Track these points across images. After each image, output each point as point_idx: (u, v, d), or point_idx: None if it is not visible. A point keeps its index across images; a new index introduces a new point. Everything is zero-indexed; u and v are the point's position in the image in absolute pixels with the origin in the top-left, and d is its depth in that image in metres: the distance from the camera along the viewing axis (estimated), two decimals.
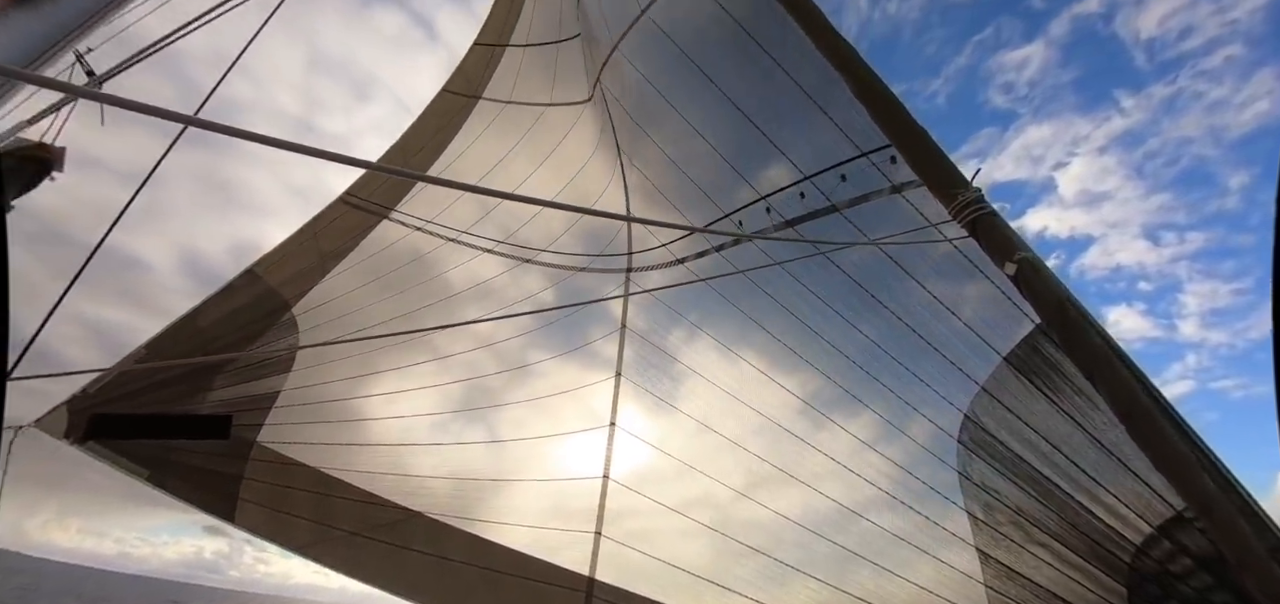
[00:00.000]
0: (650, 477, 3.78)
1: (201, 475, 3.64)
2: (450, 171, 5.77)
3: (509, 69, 6.54)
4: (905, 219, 3.41)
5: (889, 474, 3.70)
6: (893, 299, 3.61)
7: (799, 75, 3.97)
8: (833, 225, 3.57)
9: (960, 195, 2.97)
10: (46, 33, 1.50)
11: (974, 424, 3.12)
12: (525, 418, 3.93)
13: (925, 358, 3.53)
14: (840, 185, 3.62)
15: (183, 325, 4.37)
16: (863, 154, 3.56)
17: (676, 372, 4.04)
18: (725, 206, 4.09)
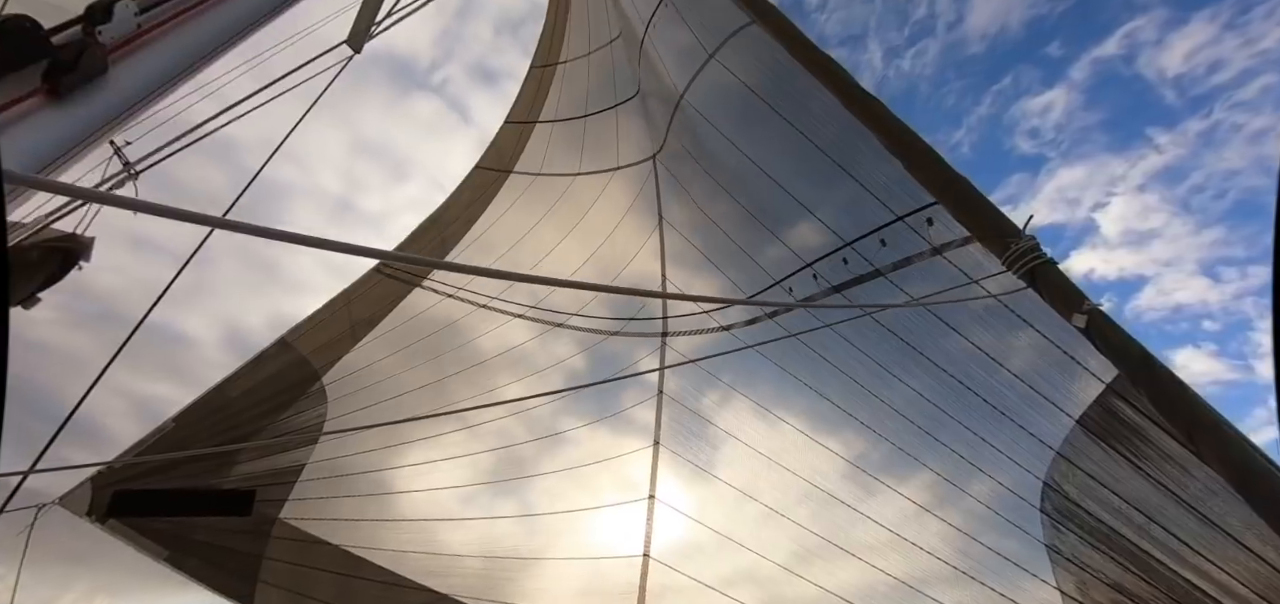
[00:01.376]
0: (692, 553, 3.49)
1: (221, 554, 3.45)
2: (482, 242, 5.79)
3: (539, 143, 6.68)
4: (949, 278, 3.23)
5: (953, 543, 3.36)
6: (943, 358, 3.39)
7: (830, 138, 3.93)
8: (877, 289, 3.42)
9: (1013, 245, 2.81)
10: (82, 125, 1.46)
11: (1056, 492, 2.83)
12: (559, 489, 3.70)
13: (983, 417, 3.27)
14: (881, 249, 3.49)
15: (213, 396, 4.28)
16: (899, 218, 3.45)
17: (714, 436, 3.80)
18: (768, 271, 3.96)
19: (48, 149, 1.33)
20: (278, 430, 4.00)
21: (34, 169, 1.31)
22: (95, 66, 1.50)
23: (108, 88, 1.52)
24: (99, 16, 1.58)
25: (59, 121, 1.37)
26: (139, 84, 1.62)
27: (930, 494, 3.38)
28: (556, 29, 7.28)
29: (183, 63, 1.80)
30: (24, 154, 1.29)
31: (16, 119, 1.31)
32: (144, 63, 1.67)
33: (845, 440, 3.55)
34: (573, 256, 5.40)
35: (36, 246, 1.75)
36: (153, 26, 1.75)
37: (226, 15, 2.05)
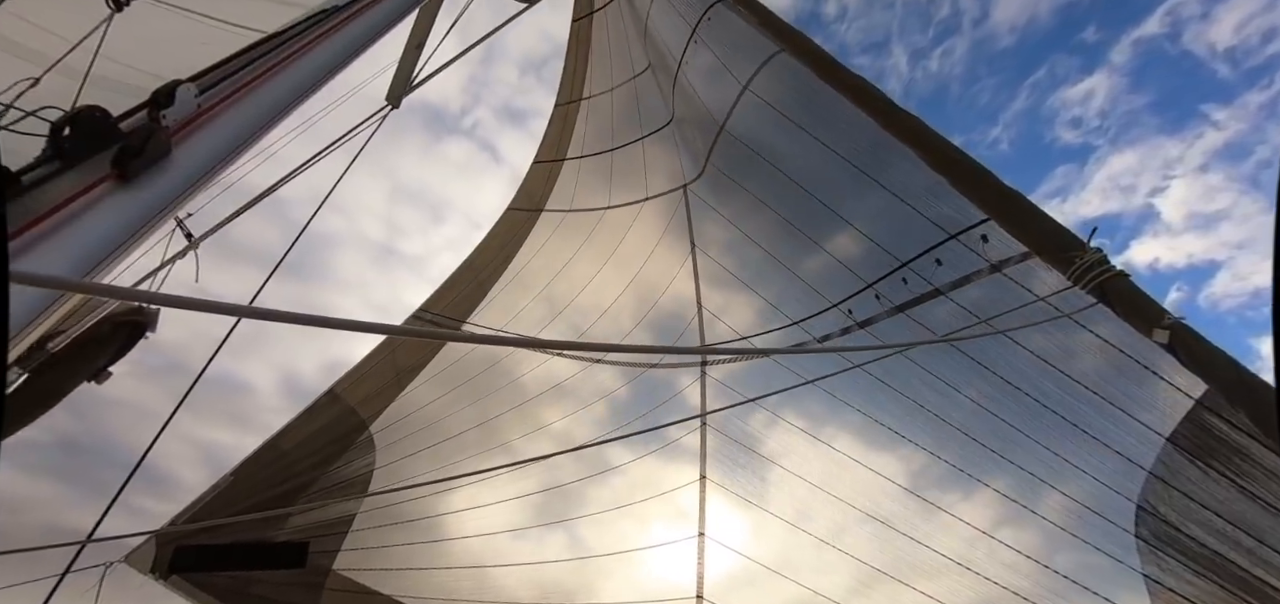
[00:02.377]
0: (747, 589, 3.34)
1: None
2: (519, 280, 5.82)
3: (568, 179, 6.73)
4: (1011, 295, 3.07)
5: (1030, 573, 3.14)
6: (1009, 372, 3.20)
7: (870, 159, 3.83)
8: (938, 308, 3.27)
9: (1079, 259, 2.65)
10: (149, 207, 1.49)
11: (1153, 516, 2.60)
12: (610, 524, 3.62)
13: (1058, 434, 3.06)
14: (938, 269, 3.35)
15: (267, 449, 4.35)
16: (952, 236, 3.31)
17: (762, 466, 3.67)
18: (822, 292, 3.85)
19: (118, 232, 1.36)
20: (329, 481, 4.03)
21: (105, 252, 1.34)
22: (160, 149, 1.54)
23: (172, 168, 1.56)
24: (163, 101, 1.63)
25: (128, 204, 1.40)
26: (201, 161, 1.65)
27: (1001, 517, 3.17)
28: (578, 68, 7.38)
29: (241, 136, 1.84)
30: (97, 238, 1.32)
31: (90, 205, 1.34)
32: (205, 141, 1.71)
33: (903, 461, 3.38)
34: (609, 287, 5.38)
35: (107, 321, 1.80)
36: (212, 105, 1.80)
37: (279, 88, 2.10)
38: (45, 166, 1.35)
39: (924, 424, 3.39)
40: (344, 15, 2.56)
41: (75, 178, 1.35)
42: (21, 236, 1.18)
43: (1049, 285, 2.85)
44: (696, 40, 4.61)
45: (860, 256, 3.75)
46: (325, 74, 2.39)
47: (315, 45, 2.33)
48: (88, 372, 1.78)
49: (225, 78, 1.97)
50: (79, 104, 1.50)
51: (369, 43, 2.79)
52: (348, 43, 2.56)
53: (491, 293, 5.73)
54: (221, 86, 1.92)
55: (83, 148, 1.41)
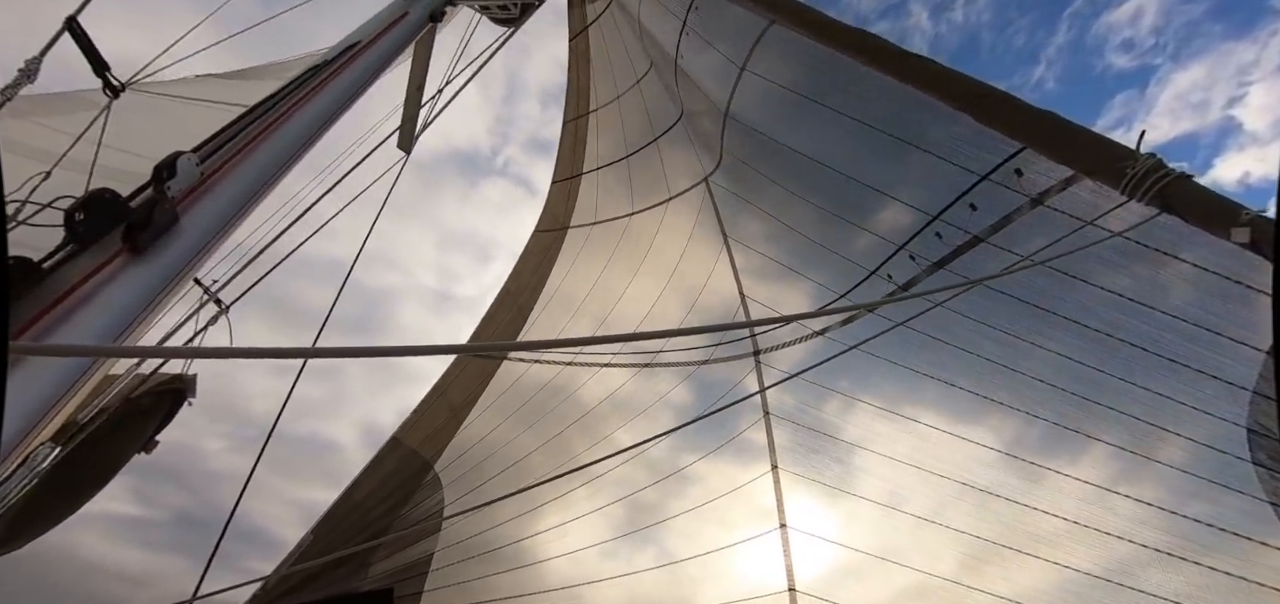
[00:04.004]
0: (843, 579, 3.12)
1: None
2: (557, 300, 5.79)
3: (588, 193, 6.68)
4: (1060, 227, 2.76)
5: (1149, 521, 2.77)
6: (1080, 313, 2.87)
7: (885, 114, 3.59)
8: (981, 256, 2.99)
9: (1131, 169, 2.34)
10: (162, 276, 1.49)
11: (1265, 437, 2.25)
12: (693, 529, 3.48)
13: (1146, 369, 2.71)
14: (973, 215, 3.07)
15: (342, 502, 4.43)
16: (983, 177, 3.03)
17: (839, 450, 3.44)
18: (858, 263, 3.62)
19: (136, 302, 1.36)
20: (403, 524, 4.06)
21: (124, 324, 1.33)
22: (167, 219, 1.55)
23: (181, 236, 1.56)
24: (166, 173, 1.64)
25: (142, 274, 1.40)
26: (209, 225, 1.65)
27: (1107, 470, 2.84)
28: (581, 83, 7.36)
29: (247, 195, 1.85)
30: (116, 310, 1.32)
31: (105, 282, 1.35)
32: (210, 205, 1.71)
33: (992, 426, 3.08)
34: (648, 291, 5.27)
35: (148, 393, 1.82)
36: (214, 171, 1.81)
37: (277, 145, 2.10)
38: (63, 251, 1.37)
39: (1005, 384, 3.09)
40: (332, 69, 2.57)
41: (90, 257, 1.36)
42: (44, 318, 1.18)
43: (1102, 207, 2.55)
44: (687, 32, 4.49)
45: (891, 219, 3.50)
46: (321, 125, 2.39)
47: (308, 100, 2.33)
48: (138, 443, 1.82)
49: (225, 143, 1.98)
50: (89, 190, 1.53)
51: (361, 90, 2.78)
52: (340, 93, 2.55)
53: (532, 317, 5.72)
54: (222, 152, 1.94)
55: (96, 229, 1.42)
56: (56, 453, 1.46)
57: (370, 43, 2.95)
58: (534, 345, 4.71)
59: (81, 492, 1.72)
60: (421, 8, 3.67)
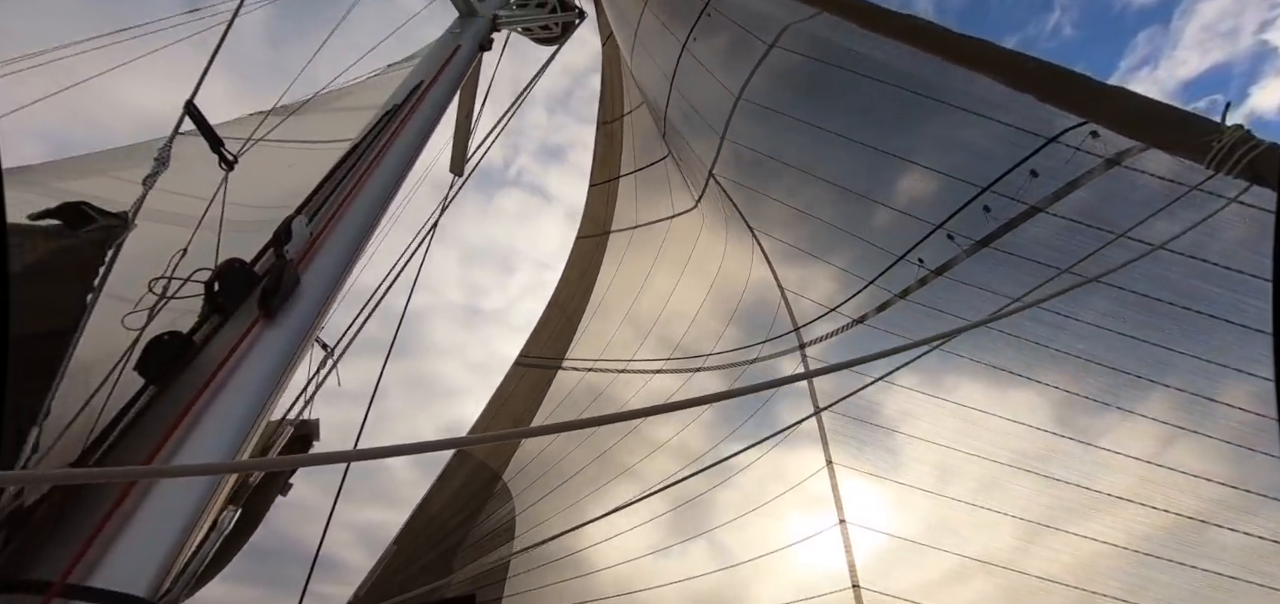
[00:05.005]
0: (905, 567, 3.10)
1: None
2: (603, 309, 5.86)
3: (627, 197, 6.70)
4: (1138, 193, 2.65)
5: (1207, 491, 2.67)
6: (1142, 284, 2.78)
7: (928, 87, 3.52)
8: (1039, 226, 2.91)
9: (1216, 142, 2.26)
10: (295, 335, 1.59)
11: None
12: (750, 527, 3.50)
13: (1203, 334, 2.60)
14: (1031, 182, 2.98)
15: (417, 516, 4.59)
16: (1050, 139, 2.93)
17: (886, 438, 3.41)
18: (885, 248, 3.58)
19: (276, 367, 1.45)
20: (479, 534, 4.19)
21: (270, 388, 1.43)
22: (291, 281, 1.64)
23: (304, 295, 1.65)
24: (284, 237, 1.73)
25: (278, 339, 1.49)
26: (326, 281, 1.75)
27: (1168, 437, 2.74)
28: (614, 85, 7.37)
29: (353, 245, 1.94)
30: (262, 378, 1.42)
31: (249, 349, 1.44)
32: (324, 261, 1.81)
33: (1039, 405, 3.01)
34: (692, 294, 5.28)
35: (291, 441, 1.95)
36: (322, 228, 1.91)
37: (371, 193, 2.20)
38: (208, 324, 1.47)
39: (1051, 361, 3.01)
40: (405, 112, 2.66)
41: (232, 328, 1.46)
42: (201, 397, 1.28)
43: (1185, 174, 2.46)
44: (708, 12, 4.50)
45: (932, 197, 3.42)
46: (405, 167, 2.49)
47: (390, 145, 2.43)
48: (279, 487, 1.97)
49: (325, 199, 2.08)
50: (219, 259, 1.63)
51: (432, 127, 2.88)
52: (416, 134, 2.65)
53: (581, 326, 5.80)
54: (325, 208, 2.03)
55: (233, 298, 1.52)
56: (237, 514, 1.58)
57: (433, 81, 3.03)
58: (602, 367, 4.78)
59: (242, 540, 1.86)
60: (471, 39, 3.74)
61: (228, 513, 1.47)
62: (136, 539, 1.04)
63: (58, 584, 0.95)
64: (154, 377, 1.28)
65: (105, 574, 0.99)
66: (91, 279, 1.18)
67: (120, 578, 0.99)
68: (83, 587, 0.96)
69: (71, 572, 0.97)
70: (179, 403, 1.23)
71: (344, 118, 3.99)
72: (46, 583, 0.95)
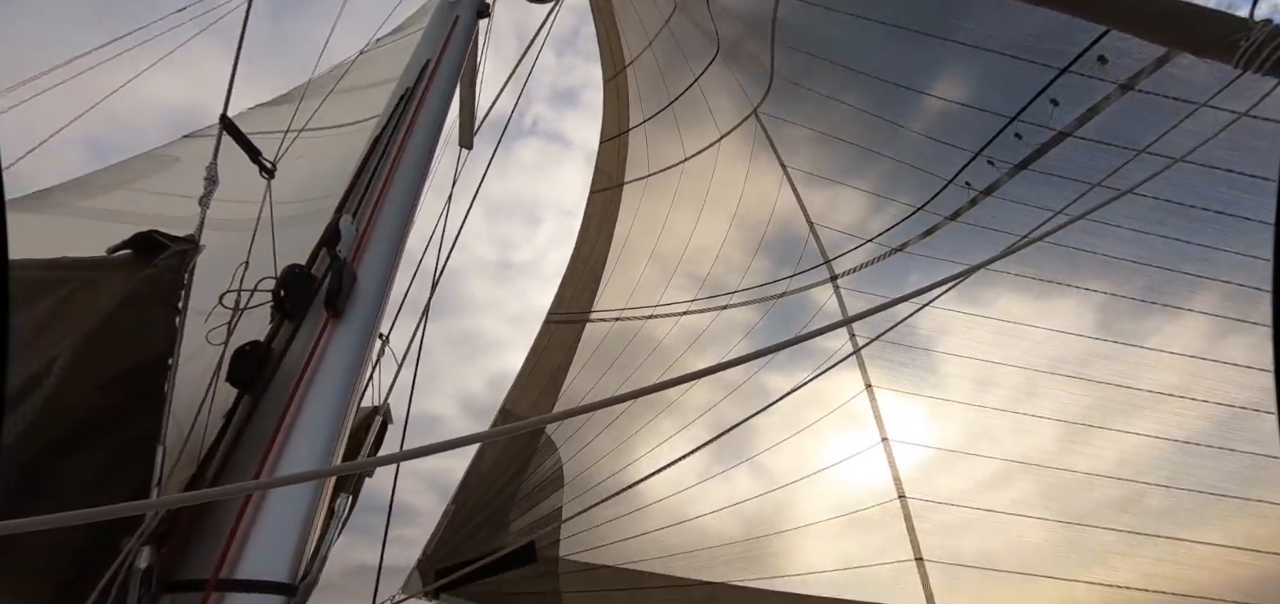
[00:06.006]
0: (949, 476, 3.19)
1: (530, 599, 3.85)
2: (624, 255, 5.84)
3: (638, 148, 6.56)
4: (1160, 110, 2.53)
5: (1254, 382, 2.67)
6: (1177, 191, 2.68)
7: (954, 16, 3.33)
8: (1070, 151, 2.80)
9: (1244, 41, 2.12)
10: (363, 331, 1.61)
11: None
12: (793, 451, 3.61)
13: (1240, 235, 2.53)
14: (1055, 111, 2.85)
15: (472, 472, 4.78)
16: (1062, 70, 2.79)
17: (925, 357, 3.43)
18: (933, 172, 3.48)
19: (353, 360, 1.49)
20: (530, 484, 4.37)
21: (352, 381, 1.47)
22: (350, 277, 1.66)
23: (363, 291, 1.67)
24: (334, 238, 1.74)
25: (349, 336, 1.53)
26: (380, 273, 1.77)
27: (1212, 333, 2.72)
28: (611, 36, 7.08)
29: (398, 236, 1.95)
30: (342, 375, 1.46)
31: (326, 348, 1.48)
32: (374, 253, 1.82)
33: (1083, 305, 2.98)
34: (713, 231, 5.24)
35: (364, 427, 2.03)
36: (366, 222, 1.91)
37: (404, 180, 2.17)
38: (283, 330, 1.50)
39: (1091, 267, 2.96)
40: (420, 93, 2.59)
41: (306, 330, 1.49)
42: (294, 399, 1.33)
43: (1203, 85, 2.33)
44: None
45: (962, 124, 3.30)
46: (429, 150, 2.45)
47: (413, 129, 2.38)
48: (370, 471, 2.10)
49: (363, 193, 2.07)
50: (278, 267, 1.65)
51: (448, 104, 2.81)
52: (435, 112, 2.59)
53: (605, 275, 5.81)
54: (365, 202, 2.02)
55: (299, 303, 1.55)
56: (350, 500, 1.67)
57: (440, 56, 2.93)
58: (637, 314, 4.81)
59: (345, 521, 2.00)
60: (468, 7, 3.58)
61: (342, 499, 1.55)
62: (269, 534, 1.13)
63: (212, 580, 1.04)
64: (246, 386, 1.34)
65: (248, 567, 1.08)
66: (175, 303, 1.21)
67: (263, 569, 1.09)
68: (236, 580, 1.06)
69: (221, 568, 1.06)
70: (275, 405, 1.29)
71: (355, 98, 3.91)
72: (202, 581, 1.05)
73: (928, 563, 2.95)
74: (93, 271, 1.24)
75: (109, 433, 1.16)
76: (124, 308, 1.18)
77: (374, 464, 1.86)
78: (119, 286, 1.20)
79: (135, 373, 1.18)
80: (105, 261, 1.24)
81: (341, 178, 2.12)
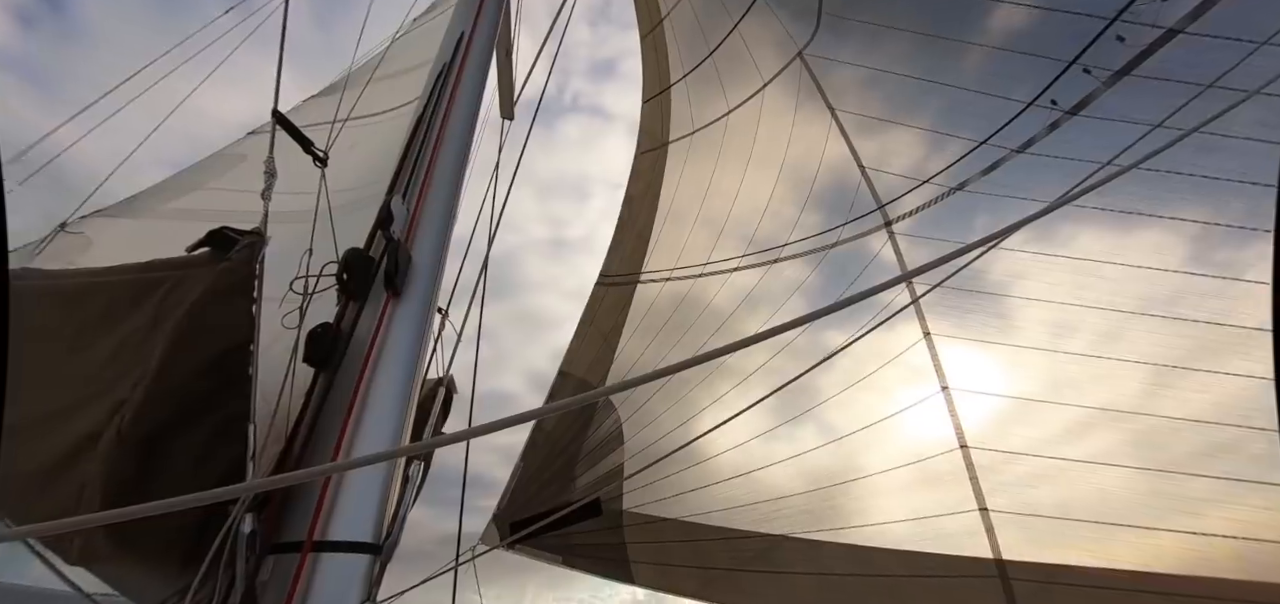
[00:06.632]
0: (1014, 427, 3.00)
1: (598, 550, 4.00)
2: (671, 218, 5.75)
3: (681, 104, 6.37)
4: None
5: None
6: None
7: None
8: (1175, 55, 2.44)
9: None
10: (422, 308, 1.66)
11: None
12: (851, 404, 3.50)
13: None
14: (1164, 6, 2.49)
15: (536, 432, 4.95)
16: None
17: (996, 303, 3.20)
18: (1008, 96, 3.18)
19: (416, 336, 1.56)
20: (592, 442, 4.49)
21: (416, 356, 1.54)
22: (405, 257, 1.71)
23: (419, 269, 1.72)
24: (387, 219, 1.79)
25: (410, 313, 1.59)
26: (433, 250, 1.81)
27: None
28: None
29: (445, 214, 1.98)
30: (410, 350, 1.53)
31: (390, 326, 1.55)
32: (426, 231, 1.86)
33: (1173, 237, 2.67)
34: (761, 185, 5.06)
35: (431, 397, 2.13)
36: (416, 202, 1.95)
37: (449, 156, 2.19)
38: (349, 311, 1.58)
39: (1184, 192, 2.62)
40: (457, 66, 2.58)
41: (370, 310, 1.56)
42: (365, 375, 1.40)
43: None
44: None
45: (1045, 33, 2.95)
46: (470, 123, 2.45)
47: (454, 104, 2.39)
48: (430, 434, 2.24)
49: (411, 174, 2.11)
50: (338, 251, 1.72)
51: (485, 76, 2.79)
52: (473, 85, 2.58)
53: (653, 237, 5.76)
54: (412, 182, 2.06)
55: (362, 284, 1.62)
56: (424, 468, 1.78)
57: (474, 28, 2.90)
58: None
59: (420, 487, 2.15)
60: None
61: (416, 467, 1.66)
62: (352, 500, 1.23)
63: (309, 542, 1.15)
64: (321, 364, 1.43)
65: (338, 529, 1.19)
66: (251, 292, 1.29)
67: (350, 530, 1.19)
68: (329, 541, 1.17)
69: (314, 531, 1.17)
70: (348, 381, 1.38)
71: (399, 82, 3.97)
72: (299, 543, 1.16)
73: (993, 513, 2.81)
74: (180, 270, 1.33)
75: (208, 415, 1.27)
76: (208, 300, 1.27)
77: (444, 442, 1.96)
78: (202, 282, 1.29)
79: (224, 359, 1.28)
80: (189, 260, 1.34)
81: (390, 160, 2.17)
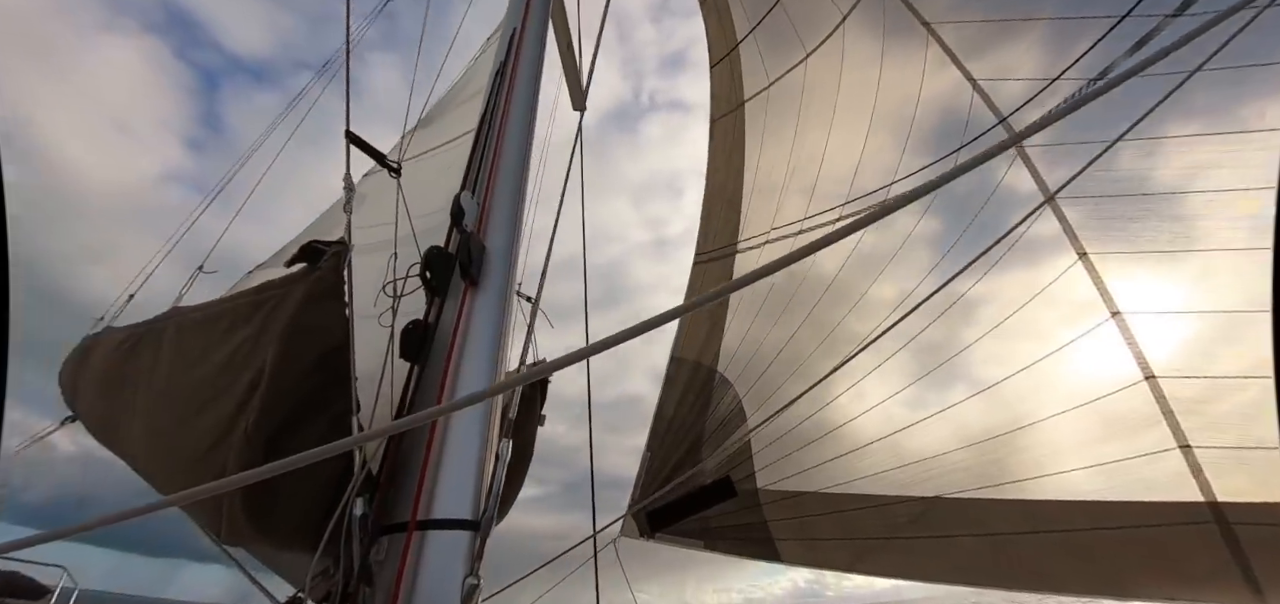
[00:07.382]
0: (1211, 346, 2.28)
1: (739, 531, 3.80)
2: (759, 178, 5.39)
3: (752, 59, 5.96)
4: None
5: None
6: None
7: None
8: None
9: None
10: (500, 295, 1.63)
11: None
12: (1001, 351, 2.94)
13: None
14: None
15: (658, 422, 4.86)
16: None
17: (1165, 204, 2.48)
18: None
19: (495, 319, 1.54)
20: (715, 423, 4.30)
21: (497, 337, 1.52)
22: (478, 247, 1.70)
23: (493, 257, 1.71)
24: (458, 213, 1.79)
25: (488, 301, 1.58)
26: (504, 239, 1.79)
27: None
28: None
29: (514, 204, 1.95)
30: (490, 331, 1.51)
31: (470, 314, 1.54)
32: (497, 222, 1.85)
33: None
34: (854, 128, 4.54)
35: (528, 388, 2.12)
36: (485, 196, 1.95)
37: (512, 150, 2.16)
38: (434, 306, 1.60)
39: None
40: (511, 62, 2.55)
41: (452, 302, 1.57)
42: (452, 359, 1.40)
43: None
44: None
45: None
46: (530, 112, 2.41)
47: (511, 99, 2.36)
48: (536, 422, 2.25)
49: (478, 171, 2.11)
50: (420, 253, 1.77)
51: (541, 66, 2.74)
52: (529, 78, 2.53)
53: (743, 205, 5.44)
54: (480, 178, 2.06)
55: (443, 278, 1.63)
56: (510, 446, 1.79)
57: (524, 25, 2.85)
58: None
59: (523, 469, 2.18)
60: None
61: (504, 445, 1.64)
62: (449, 478, 1.25)
63: (413, 521, 1.16)
64: (414, 357, 1.46)
65: (439, 507, 1.19)
66: (342, 296, 1.35)
67: (450, 509, 1.18)
68: (432, 519, 1.17)
69: (417, 510, 1.18)
70: (438, 369, 1.38)
71: (468, 108, 4.13)
72: (404, 523, 1.18)
73: (1196, 449, 2.14)
74: (284, 286, 1.42)
75: (319, 412, 1.34)
76: (306, 307, 1.33)
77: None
78: (301, 291, 1.36)
79: (326, 359, 1.34)
80: (290, 276, 1.43)
81: None
